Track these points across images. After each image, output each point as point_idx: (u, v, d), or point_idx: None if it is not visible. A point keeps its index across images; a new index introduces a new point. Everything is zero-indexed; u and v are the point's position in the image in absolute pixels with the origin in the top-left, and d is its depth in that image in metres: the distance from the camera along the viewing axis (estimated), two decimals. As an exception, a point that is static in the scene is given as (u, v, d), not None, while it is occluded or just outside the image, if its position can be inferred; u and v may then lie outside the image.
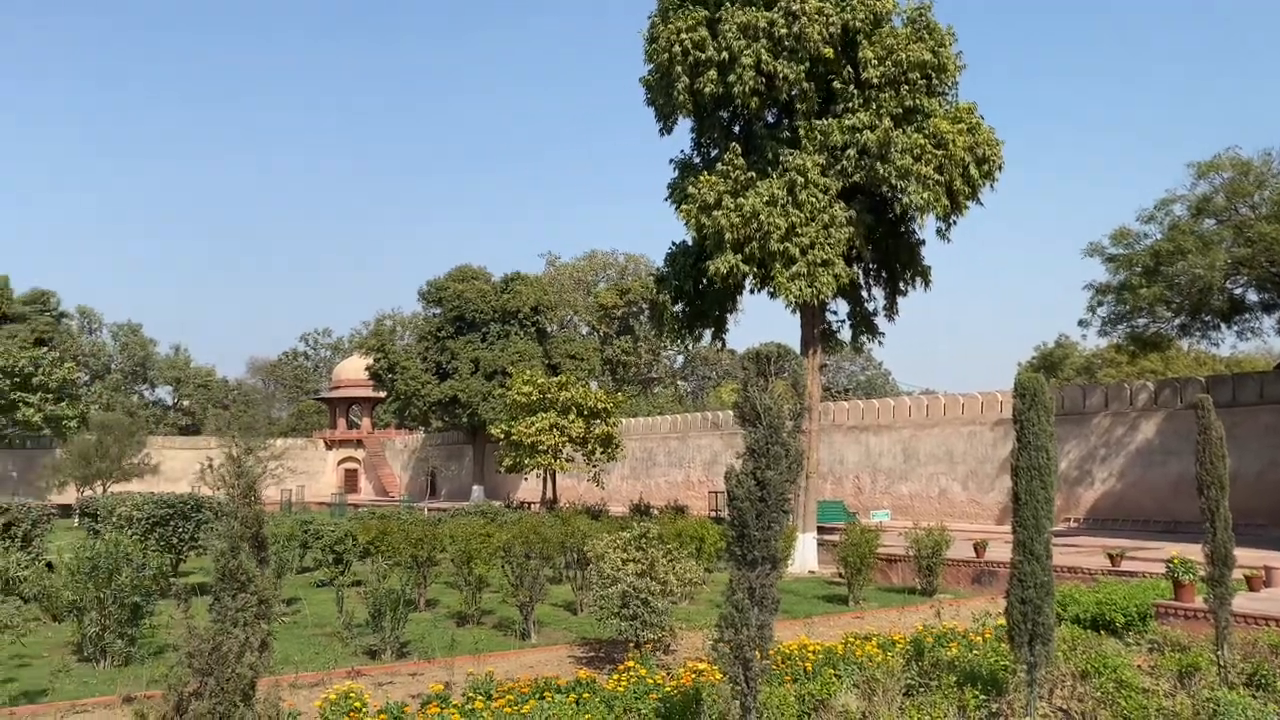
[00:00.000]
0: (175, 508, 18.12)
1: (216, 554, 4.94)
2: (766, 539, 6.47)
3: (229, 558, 4.77)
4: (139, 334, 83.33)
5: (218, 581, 4.96)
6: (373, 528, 17.61)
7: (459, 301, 51.01)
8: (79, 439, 48.02)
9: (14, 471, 58.61)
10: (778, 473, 6.42)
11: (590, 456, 35.87)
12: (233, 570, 4.77)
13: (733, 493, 6.47)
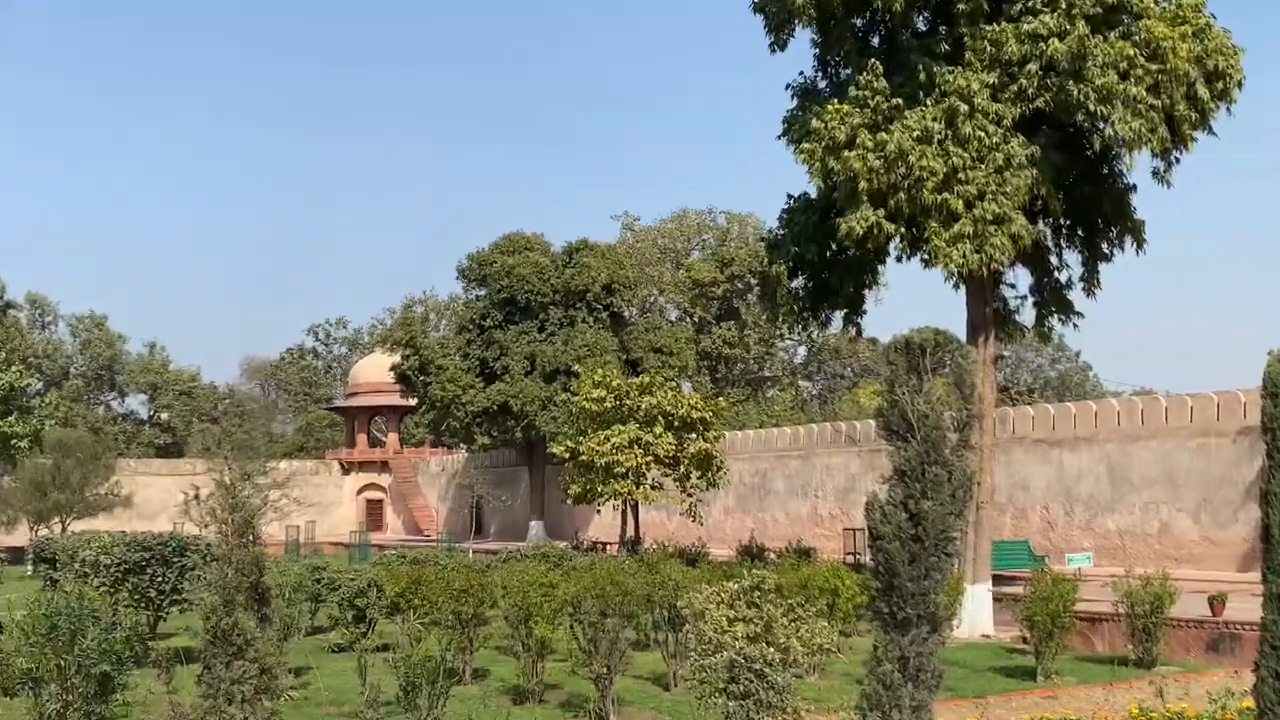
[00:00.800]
0: (153, 551, 18.84)
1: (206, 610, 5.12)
2: (923, 592, 6.38)
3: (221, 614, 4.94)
4: (104, 328, 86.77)
5: (208, 645, 5.15)
6: (403, 576, 17.98)
7: (509, 280, 51.64)
8: (31, 463, 50.22)
9: (-52, 507, 61.47)
10: (937, 503, 6.33)
11: (683, 482, 35.87)
12: (226, 631, 4.94)
13: (876, 529, 6.40)
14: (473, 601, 16.33)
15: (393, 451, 71.17)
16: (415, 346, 52.06)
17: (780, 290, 23.07)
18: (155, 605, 18.80)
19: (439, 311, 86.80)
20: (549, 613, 14.81)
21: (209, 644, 4.92)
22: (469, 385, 50.60)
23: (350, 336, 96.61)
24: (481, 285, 54.02)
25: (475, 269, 53.62)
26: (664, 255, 73.59)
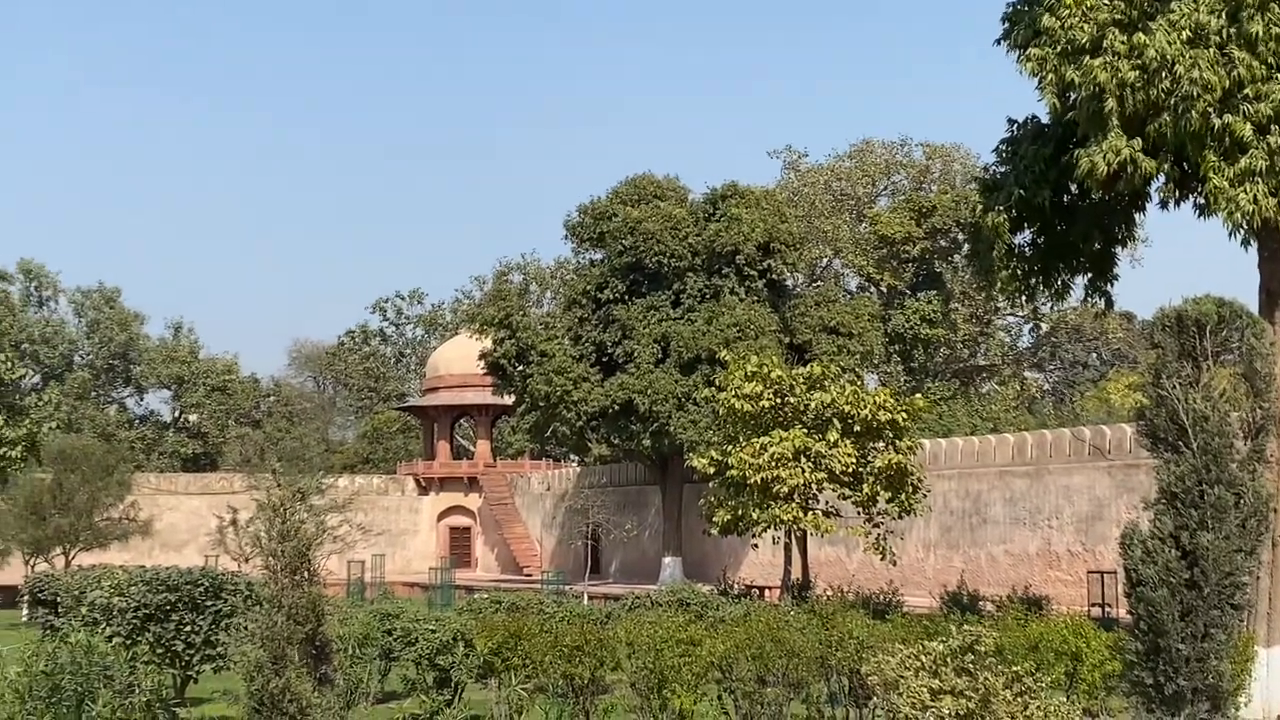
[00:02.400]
0: (180, 592, 19.43)
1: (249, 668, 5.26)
2: (1200, 656, 6.24)
3: (269, 674, 5.08)
4: (117, 305, 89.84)
5: (251, 714, 5.29)
6: (499, 627, 18.22)
7: (633, 239, 51.79)
8: (25, 479, 52.26)
9: (-69, 530, 64.44)
10: (1220, 535, 6.18)
11: (867, 507, 35.58)
12: (275, 696, 5.07)
13: (1136, 572, 6.28)
14: (589, 662, 16.47)
15: (483, 465, 72.12)
16: (511, 327, 52.49)
17: (998, 247, 22.70)
18: (183, 662, 19.38)
19: (542, 281, 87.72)
20: (690, 678, 14.87)
21: (253, 712, 5.07)
22: (581, 378, 50.90)
23: (427, 315, 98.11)
24: (597, 246, 54.26)
25: (589, 225, 53.83)
26: (840, 203, 73.02)
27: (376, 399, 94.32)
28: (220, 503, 60.90)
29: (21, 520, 48.50)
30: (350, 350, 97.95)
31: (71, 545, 48.81)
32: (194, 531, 62.18)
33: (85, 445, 52.47)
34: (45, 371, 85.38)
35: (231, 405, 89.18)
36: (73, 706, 12.58)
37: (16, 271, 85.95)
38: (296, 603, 5.29)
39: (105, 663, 13.28)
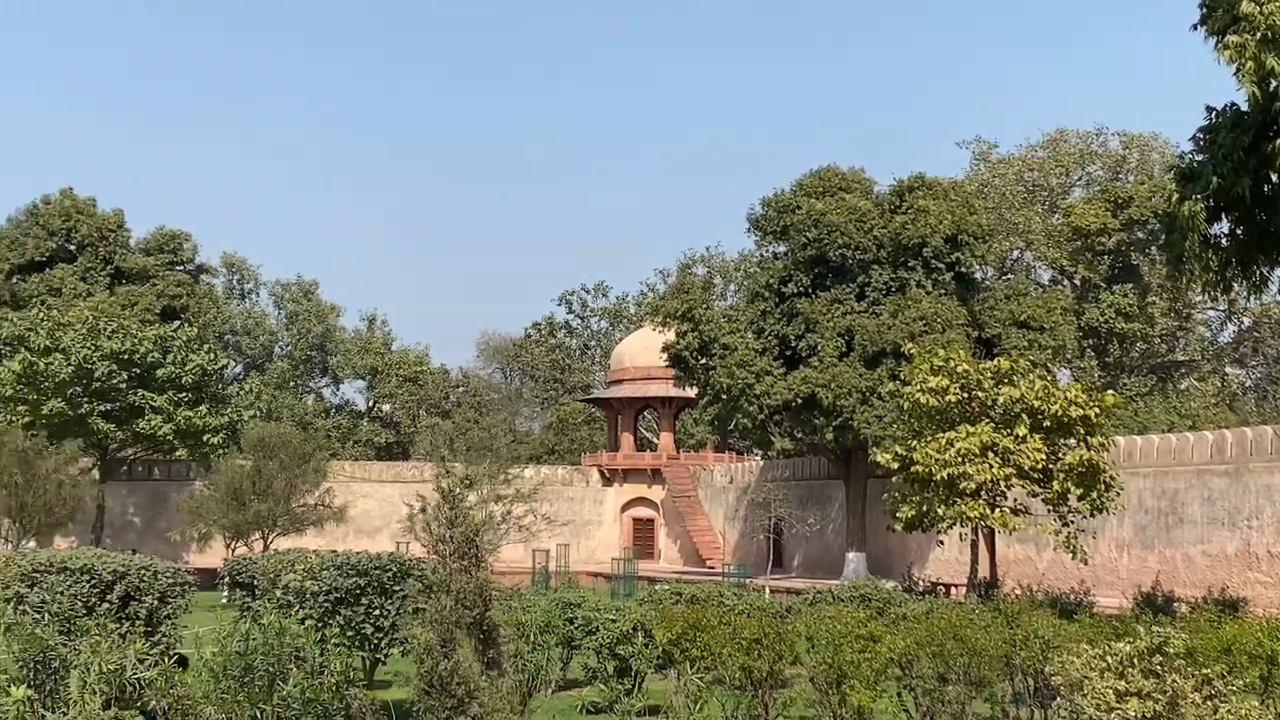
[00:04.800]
0: (370, 576, 19.93)
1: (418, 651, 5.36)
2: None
3: (438, 656, 5.16)
4: (314, 297, 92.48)
5: (421, 695, 5.40)
6: (678, 618, 18.30)
7: (818, 231, 51.56)
8: (227, 465, 54.14)
9: (134, 514, 67.27)
10: None
11: (1057, 505, 34.92)
12: (444, 678, 5.15)
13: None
14: (768, 655, 16.44)
15: (666, 457, 72.44)
16: (694, 320, 52.66)
17: (1192, 237, 22.01)
18: (372, 645, 19.87)
19: (725, 274, 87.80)
20: (869, 674, 14.76)
21: (423, 694, 5.17)
22: (764, 371, 50.87)
23: (612, 307, 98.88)
24: (781, 239, 54.12)
25: (773, 217, 53.77)
26: (1032, 194, 71.74)
27: (561, 390, 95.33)
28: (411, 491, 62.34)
29: (223, 505, 50.30)
30: (536, 342, 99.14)
31: (269, 530, 50.49)
32: (386, 518, 63.67)
33: (284, 433, 54.18)
34: (247, 362, 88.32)
35: (422, 396, 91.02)
36: (264, 686, 12.90)
37: (220, 265, 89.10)
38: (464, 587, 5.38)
39: (297, 644, 13.59)
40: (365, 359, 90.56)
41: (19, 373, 57.03)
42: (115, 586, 19.91)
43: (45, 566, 20.08)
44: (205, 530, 52.04)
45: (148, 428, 58.81)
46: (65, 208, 70.36)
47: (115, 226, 71.30)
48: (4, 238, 69.14)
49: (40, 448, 49.70)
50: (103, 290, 67.63)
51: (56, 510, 48.36)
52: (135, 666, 14.96)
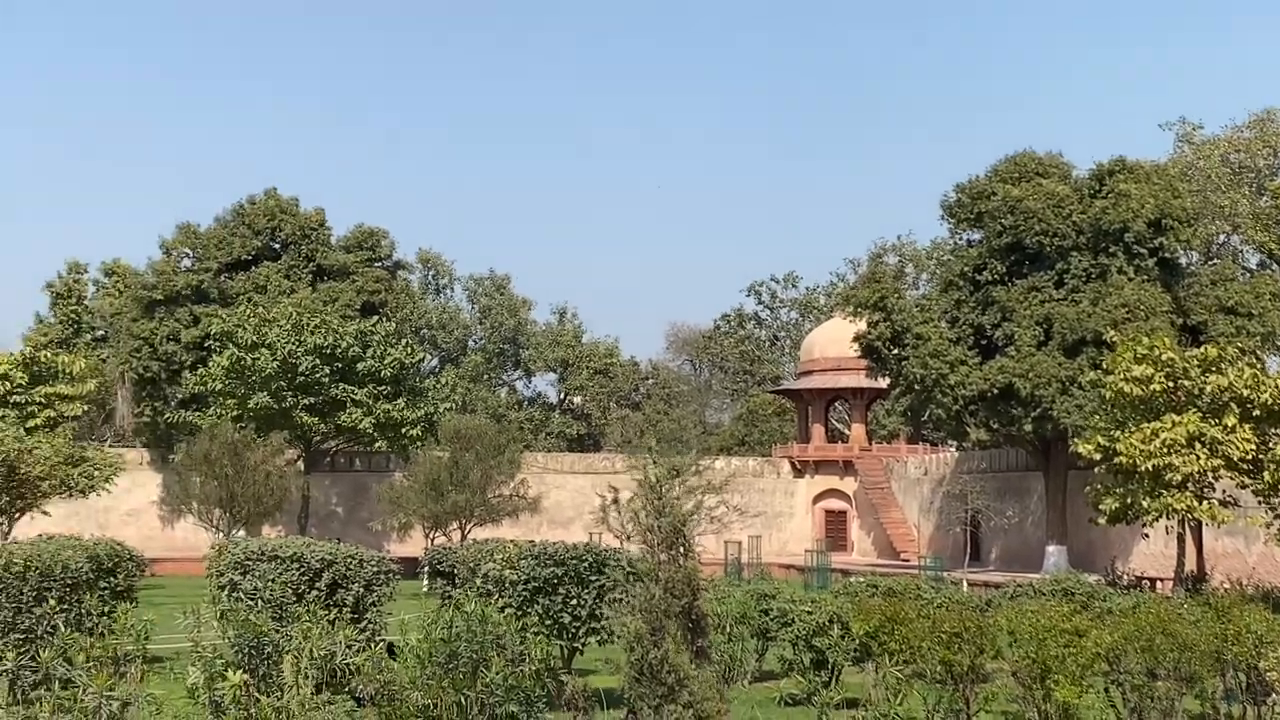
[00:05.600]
0: (567, 566, 20.08)
1: (629, 638, 5.38)
2: None
3: (648, 645, 5.18)
4: (506, 292, 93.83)
5: (632, 683, 5.41)
6: (875, 611, 18.14)
7: (1014, 217, 50.66)
8: (425, 456, 55.22)
9: (337, 504, 69.20)
10: None
11: (1268, 497, 33.85)
12: (654, 666, 5.17)
13: None
14: (969, 649, 16.20)
15: (858, 448, 71.98)
16: (886, 310, 52.31)
17: None
18: (569, 633, 20.03)
19: (918, 263, 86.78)
20: (1074, 670, 14.46)
21: (633, 681, 5.18)
22: (959, 361, 50.23)
23: (802, 298, 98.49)
24: (976, 226, 53.41)
25: (967, 204, 53.08)
26: (1238, 176, 69.34)
27: (751, 382, 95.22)
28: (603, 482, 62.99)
29: (422, 496, 51.39)
30: (725, 334, 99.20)
31: (467, 520, 51.47)
32: (579, 509, 64.40)
33: (479, 425, 55.16)
34: (442, 355, 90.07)
35: (613, 388, 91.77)
36: (468, 673, 13.13)
37: (416, 261, 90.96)
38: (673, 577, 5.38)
39: (498, 633, 13.81)
40: (556, 351, 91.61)
41: (228, 367, 59.05)
42: (323, 574, 20.47)
43: (257, 555, 20.71)
44: (405, 520, 53.25)
45: (349, 420, 60.41)
46: (270, 207, 72.42)
47: (317, 225, 73.12)
48: (212, 237, 71.40)
49: (248, 440, 51.39)
50: (305, 287, 69.47)
51: (264, 500, 49.95)
52: (345, 652, 15.44)
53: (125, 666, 14.97)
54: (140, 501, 66.38)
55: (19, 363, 64.34)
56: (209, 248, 71.10)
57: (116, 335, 73.44)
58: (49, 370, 65.07)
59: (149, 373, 67.37)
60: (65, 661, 13.34)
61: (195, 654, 14.50)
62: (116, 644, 14.83)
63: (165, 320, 67.43)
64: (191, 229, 72.59)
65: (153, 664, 18.68)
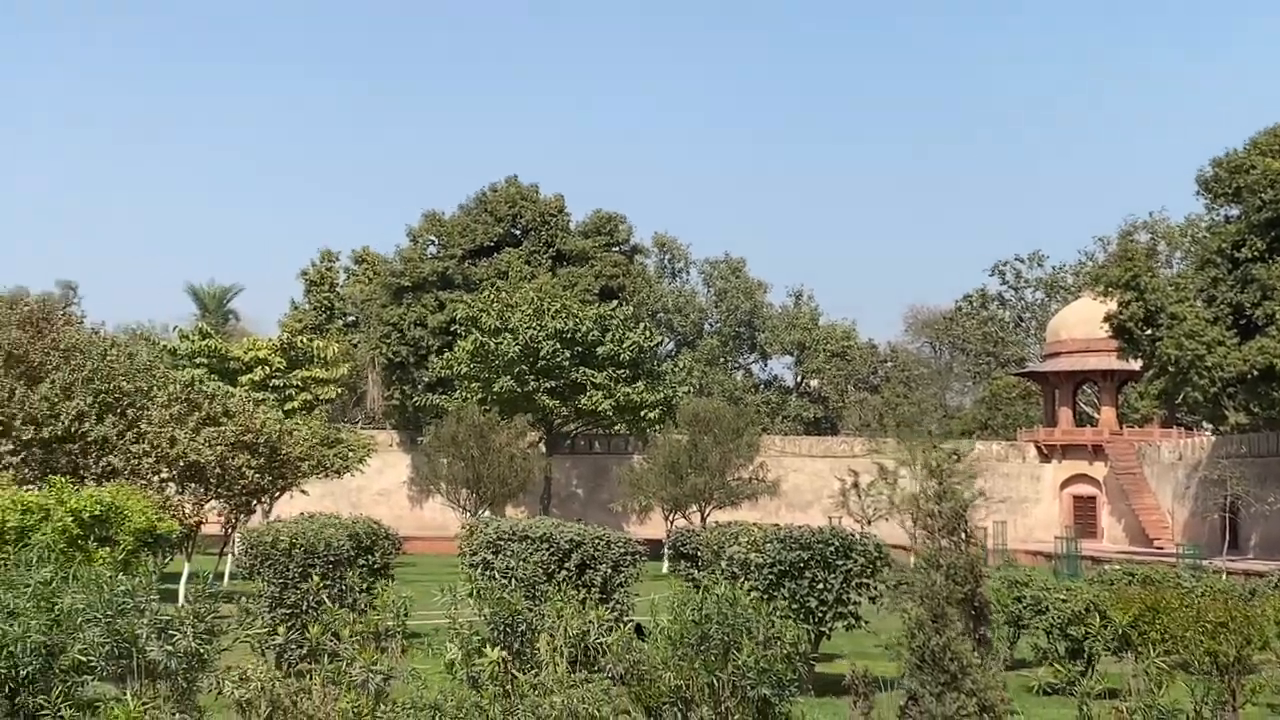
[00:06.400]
0: (813, 550, 20.04)
1: (909, 625, 5.30)
2: None
3: (930, 632, 5.09)
4: (742, 274, 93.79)
5: (913, 670, 5.34)
6: (1135, 600, 17.70)
7: (1275, 191, 48.64)
8: (664, 440, 55.62)
9: (577, 486, 70.21)
10: None
11: None
12: (936, 654, 5.08)
13: None
14: (1235, 640, 15.68)
15: (1109, 432, 69.99)
16: (1138, 289, 50.89)
17: None
18: (816, 618, 19.99)
19: (1171, 240, 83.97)
20: (1351, 664, 13.84)
21: (914, 668, 5.10)
22: (1217, 341, 48.58)
23: (1048, 277, 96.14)
24: (1234, 201, 51.59)
25: (1224, 179, 51.24)
26: None
27: (994, 364, 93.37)
28: (841, 466, 62.79)
29: (661, 478, 51.82)
30: (967, 315, 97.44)
31: (706, 503, 51.67)
32: (817, 493, 64.11)
33: (717, 408, 55.32)
34: (678, 339, 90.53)
35: (850, 371, 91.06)
36: (720, 655, 13.17)
37: (652, 245, 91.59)
38: (955, 563, 5.29)
39: (747, 616, 13.82)
40: (792, 334, 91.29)
41: (472, 352, 60.50)
42: (572, 555, 20.86)
43: (508, 535, 21.21)
44: (645, 502, 53.74)
45: (589, 403, 61.33)
46: (511, 195, 73.86)
47: (556, 211, 74.29)
48: (457, 225, 73.16)
49: (493, 422, 52.57)
50: (545, 272, 70.67)
51: (509, 481, 51.06)
52: (598, 632, 15.65)
53: (386, 641, 15.41)
54: (391, 482, 68.51)
55: (277, 348, 67.13)
56: (453, 235, 72.88)
57: (366, 321, 75.85)
58: (304, 355, 67.75)
59: (398, 357, 69.48)
60: (333, 636, 13.77)
61: (452, 630, 14.81)
62: (378, 619, 15.25)
63: (412, 306, 69.42)
64: (437, 217, 74.54)
65: (411, 639, 19.24)
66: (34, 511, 21.70)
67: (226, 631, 15.33)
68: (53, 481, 23.44)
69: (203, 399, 38.32)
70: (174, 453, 36.06)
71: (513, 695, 13.34)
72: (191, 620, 14.42)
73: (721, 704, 13.06)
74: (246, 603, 18.23)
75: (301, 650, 18.73)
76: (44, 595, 17.24)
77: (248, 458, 37.35)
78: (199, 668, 14.35)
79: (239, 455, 37.06)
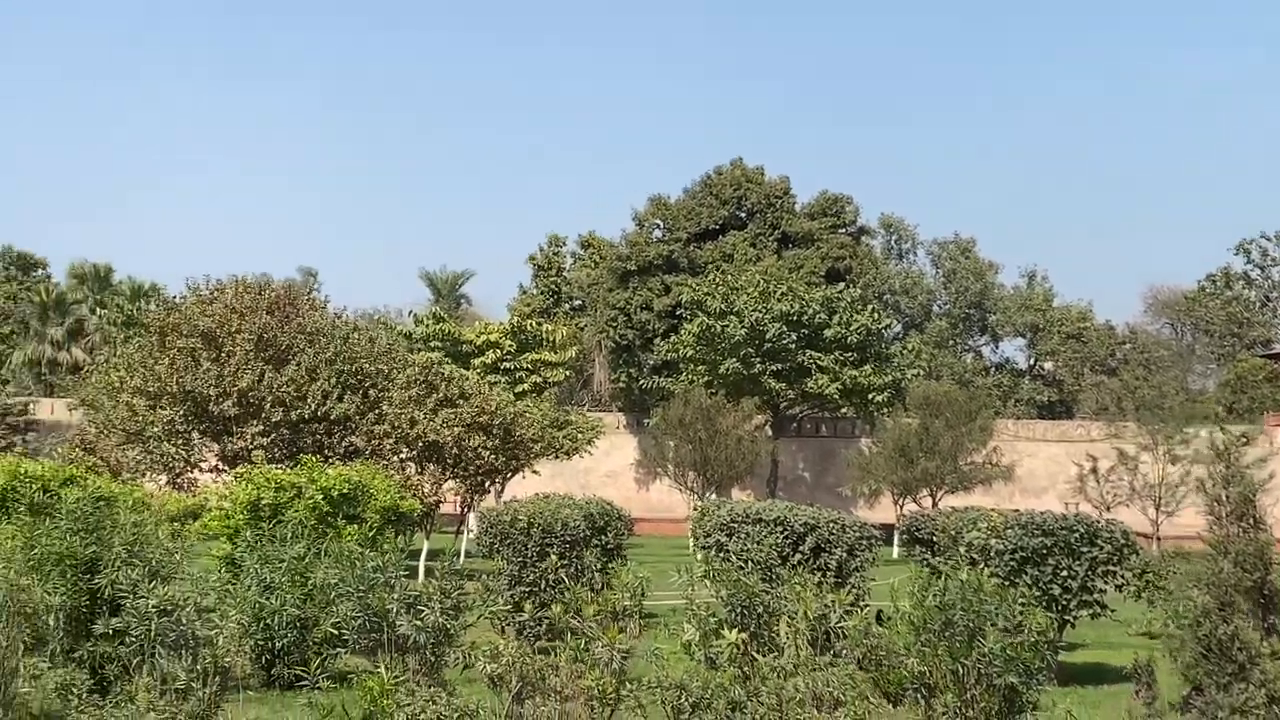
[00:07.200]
0: (1056, 537, 19.59)
1: (1195, 614, 5.15)
2: None
3: (1215, 622, 4.93)
4: (972, 255, 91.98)
5: (1198, 660, 5.19)
6: None
7: None
8: (893, 423, 54.96)
9: (804, 469, 69.82)
10: None
11: None
12: (1223, 643, 4.92)
13: None
14: None
15: (1356, 418, 66.87)
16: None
17: None
18: (1060, 606, 19.57)
19: None
20: None
21: (1199, 657, 4.95)
22: None
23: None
24: None
25: None
26: None
27: (1239, 345, 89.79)
28: (1078, 450, 61.22)
29: (891, 462, 51.30)
30: (1211, 295, 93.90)
31: (937, 487, 50.94)
32: (1052, 478, 62.66)
33: (948, 392, 54.50)
34: (906, 321, 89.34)
35: (1086, 353, 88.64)
36: (965, 642, 12.98)
37: (879, 226, 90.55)
38: (1243, 551, 5.10)
39: (991, 603, 13.58)
40: (1025, 316, 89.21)
41: (698, 335, 60.66)
42: (806, 538, 20.77)
43: (741, 517, 21.23)
44: (875, 486, 53.26)
45: (815, 386, 60.93)
46: (736, 177, 73.76)
47: (781, 193, 73.93)
48: (682, 208, 73.41)
49: (720, 405, 52.65)
50: (771, 255, 70.41)
51: (736, 464, 51.13)
52: (839, 615, 15.56)
53: (623, 621, 15.56)
54: (618, 464, 69.14)
55: (508, 331, 68.36)
56: (678, 219, 73.12)
57: (593, 305, 76.64)
58: (533, 338, 68.84)
59: (624, 340, 70.05)
60: (576, 615, 13.97)
61: (689, 611, 14.88)
62: (615, 599, 15.41)
63: (638, 290, 69.88)
64: (662, 201, 74.87)
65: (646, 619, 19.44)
66: (286, 490, 22.59)
67: (471, 608, 15.73)
68: (304, 461, 24.34)
69: (440, 381, 39.25)
70: (413, 433, 37.11)
71: (752, 677, 13.36)
72: (439, 596, 14.83)
73: (967, 691, 12.87)
74: (487, 580, 18.64)
75: (539, 627, 19.08)
76: (298, 570, 18.00)
77: (483, 438, 38.20)
78: (445, 642, 14.75)
79: (475, 436, 37.92)
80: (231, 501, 23.26)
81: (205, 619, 14.52)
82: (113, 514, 16.73)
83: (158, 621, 14.05)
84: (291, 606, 17.42)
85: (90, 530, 16.13)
